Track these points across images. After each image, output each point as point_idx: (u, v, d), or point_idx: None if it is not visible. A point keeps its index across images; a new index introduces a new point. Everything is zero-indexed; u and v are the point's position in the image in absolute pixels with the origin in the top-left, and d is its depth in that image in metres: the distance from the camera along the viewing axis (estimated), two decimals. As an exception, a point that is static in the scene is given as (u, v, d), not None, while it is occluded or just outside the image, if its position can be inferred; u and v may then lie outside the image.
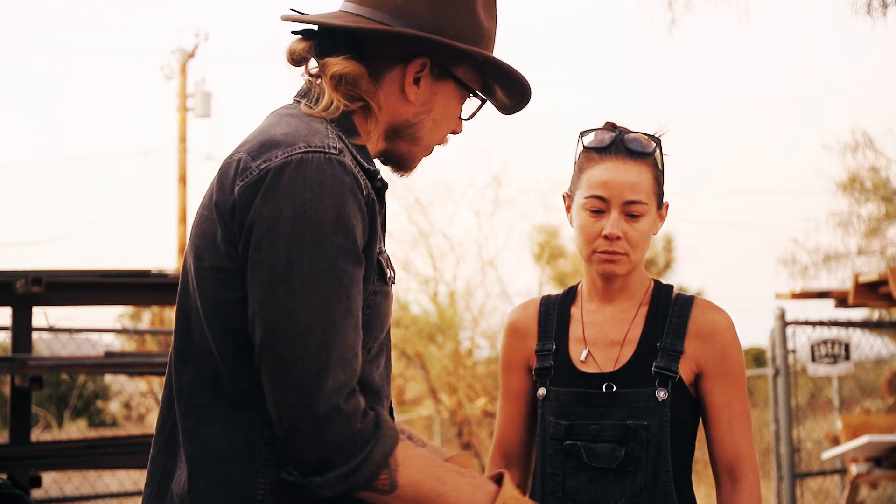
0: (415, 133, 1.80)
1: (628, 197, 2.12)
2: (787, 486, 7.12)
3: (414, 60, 1.75)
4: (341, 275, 1.56)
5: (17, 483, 4.45)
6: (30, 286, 4.43)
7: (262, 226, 1.56)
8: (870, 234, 14.38)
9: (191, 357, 1.67)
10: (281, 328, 1.54)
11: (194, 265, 1.66)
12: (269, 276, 1.55)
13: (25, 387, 4.65)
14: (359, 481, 1.55)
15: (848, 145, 14.09)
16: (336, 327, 1.55)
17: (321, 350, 1.53)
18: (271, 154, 1.60)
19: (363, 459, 1.55)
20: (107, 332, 8.64)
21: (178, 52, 20.46)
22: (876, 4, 6.01)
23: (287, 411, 1.54)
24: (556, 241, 16.19)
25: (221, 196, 1.63)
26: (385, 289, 1.70)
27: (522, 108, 1.90)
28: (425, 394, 14.79)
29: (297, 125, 1.66)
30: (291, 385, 1.53)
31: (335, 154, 1.60)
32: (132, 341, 14.98)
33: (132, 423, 16.46)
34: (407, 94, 1.76)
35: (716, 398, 2.14)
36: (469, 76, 1.81)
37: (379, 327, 1.70)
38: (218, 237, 1.62)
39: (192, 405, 1.66)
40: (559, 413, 2.16)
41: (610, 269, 2.14)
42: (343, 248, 1.56)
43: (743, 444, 2.14)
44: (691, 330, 2.15)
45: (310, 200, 1.55)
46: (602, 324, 2.20)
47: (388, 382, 1.78)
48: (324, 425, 1.53)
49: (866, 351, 8.02)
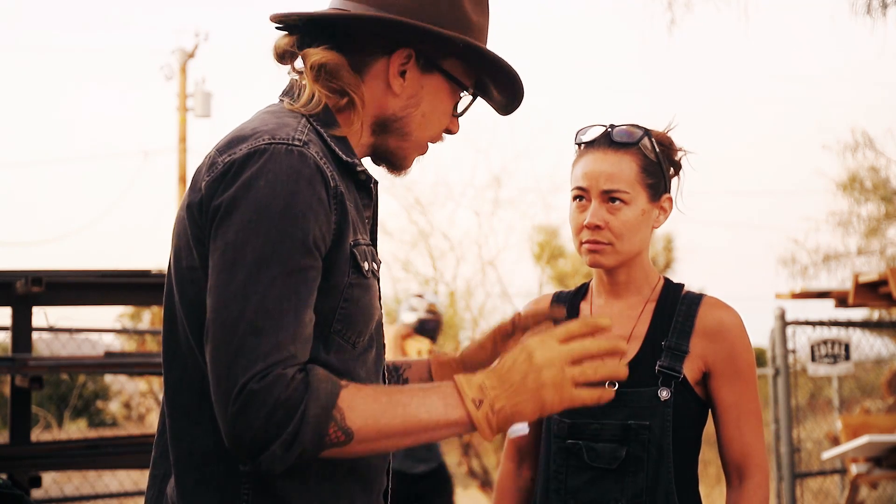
0: (403, 127, 1.78)
1: (604, 186, 2.13)
2: (787, 486, 7.12)
3: (398, 51, 1.73)
4: (283, 261, 1.54)
5: (17, 483, 4.45)
6: (30, 286, 4.42)
7: (220, 214, 1.57)
8: (870, 234, 14.39)
9: (176, 358, 1.68)
10: (218, 313, 1.54)
11: (174, 266, 1.68)
12: (216, 262, 1.56)
13: (25, 387, 4.65)
14: (304, 444, 1.50)
15: (848, 145, 14.11)
16: (270, 313, 1.52)
17: (250, 335, 1.51)
18: (236, 148, 1.61)
19: (299, 421, 1.49)
20: (107, 332, 8.62)
21: (178, 52, 20.47)
22: (876, 4, 6.01)
23: (216, 398, 1.53)
24: (556, 241, 16.20)
25: (192, 194, 1.64)
26: (363, 282, 1.67)
27: (517, 104, 1.87)
28: (425, 394, 14.76)
29: (268, 120, 1.67)
30: (220, 369, 1.52)
31: (297, 146, 1.60)
32: (132, 341, 14.97)
33: (132, 423, 16.45)
34: (392, 87, 1.74)
35: (725, 397, 2.14)
36: (458, 70, 1.78)
37: (362, 322, 1.68)
38: (189, 237, 1.63)
39: (179, 406, 1.67)
40: (562, 411, 2.15)
41: (596, 260, 2.15)
42: (290, 237, 1.55)
43: (752, 442, 2.14)
44: (698, 329, 2.15)
45: (262, 189, 1.56)
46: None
47: (378, 378, 1.76)
48: (247, 408, 1.49)
49: (866, 351, 8.02)
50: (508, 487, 2.33)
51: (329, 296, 1.63)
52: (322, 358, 1.64)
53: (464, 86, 1.80)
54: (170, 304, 1.70)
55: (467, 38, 1.74)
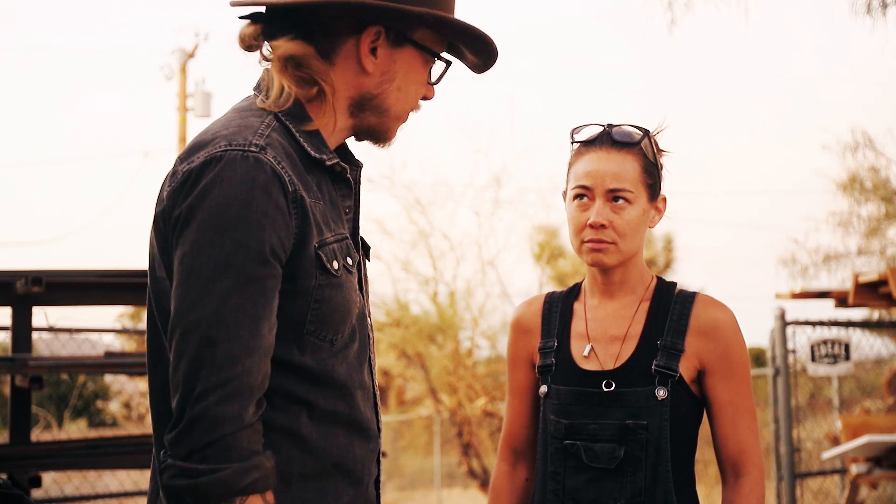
0: (380, 104, 1.77)
1: (610, 185, 2.13)
2: (787, 486, 7.12)
3: (367, 30, 1.72)
4: (238, 272, 1.54)
5: (17, 483, 4.45)
6: (30, 286, 4.42)
7: (179, 225, 1.58)
8: (870, 234, 14.39)
9: (157, 362, 1.69)
10: (178, 323, 1.55)
11: (150, 275, 1.69)
12: (176, 272, 1.57)
13: (25, 387, 4.65)
14: (196, 490, 1.50)
15: (848, 145, 14.11)
16: (224, 324, 1.52)
17: (204, 346, 1.52)
18: (195, 156, 1.61)
19: (211, 471, 1.50)
20: (107, 332, 8.63)
21: (178, 52, 20.46)
22: (876, 4, 6.01)
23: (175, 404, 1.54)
24: (556, 241, 16.19)
25: (158, 205, 1.65)
26: (333, 281, 1.66)
27: (492, 64, 1.86)
28: (425, 394, 14.78)
29: (232, 121, 1.66)
30: (179, 378, 1.53)
31: (254, 151, 1.59)
32: (132, 341, 14.97)
33: (132, 423, 16.46)
34: (365, 66, 1.73)
35: (719, 394, 2.14)
36: (429, 38, 1.77)
37: (338, 320, 1.67)
38: (156, 248, 1.65)
39: (161, 410, 1.68)
40: (560, 411, 2.16)
41: (598, 259, 2.15)
42: (244, 246, 1.54)
43: (746, 439, 2.14)
44: (692, 327, 2.15)
45: (216, 198, 1.55)
46: (603, 319, 2.20)
47: (363, 373, 1.75)
48: (195, 424, 1.51)
49: (866, 351, 8.02)
50: (504, 489, 2.32)
51: (297, 299, 1.62)
52: (296, 360, 1.64)
53: (436, 54, 1.78)
54: (150, 310, 1.71)
55: (433, 10, 1.72)
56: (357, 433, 1.73)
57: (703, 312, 2.16)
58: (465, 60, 1.86)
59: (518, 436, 2.32)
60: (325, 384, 1.66)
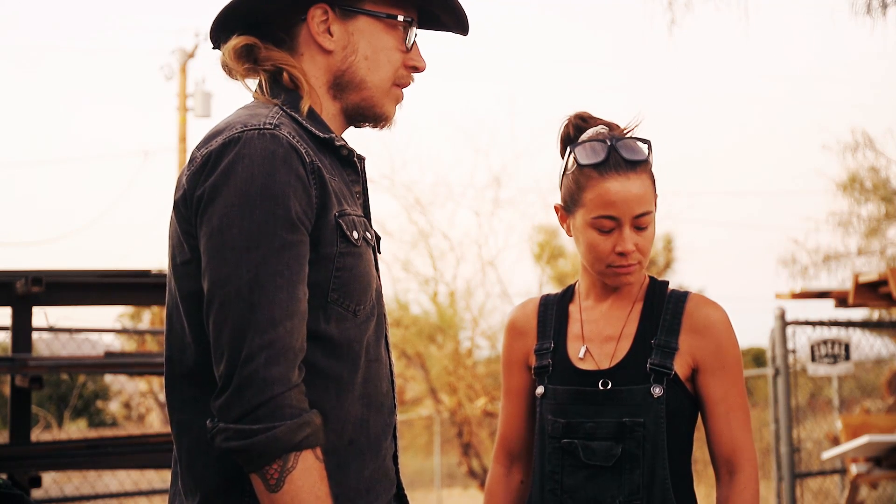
0: (352, 78, 1.79)
1: (637, 211, 2.10)
2: (787, 486, 7.11)
3: (310, 11, 1.76)
4: (271, 239, 1.59)
5: (17, 483, 4.45)
6: (30, 286, 4.42)
7: (203, 203, 1.62)
8: (870, 234, 14.39)
9: (177, 353, 1.73)
10: (215, 294, 1.59)
11: (171, 266, 1.73)
12: (206, 248, 1.61)
13: (25, 387, 4.65)
14: (252, 449, 1.55)
15: (848, 145, 14.11)
16: (264, 288, 1.57)
17: (247, 311, 1.56)
18: (212, 141, 1.66)
19: (266, 429, 1.55)
20: (107, 332, 8.65)
21: (178, 52, 20.45)
22: (876, 4, 6.01)
23: (222, 370, 1.58)
24: (556, 241, 16.20)
25: (177, 192, 1.69)
26: (354, 250, 1.70)
27: (464, 18, 1.86)
28: (425, 394, 14.79)
29: (241, 113, 1.72)
30: (223, 345, 1.58)
31: (269, 129, 1.64)
32: (132, 341, 14.98)
33: (132, 423, 16.48)
34: (324, 46, 1.77)
35: (713, 392, 2.15)
36: (382, 4, 1.79)
37: (360, 290, 1.71)
38: (180, 233, 1.68)
39: (183, 399, 1.72)
40: (557, 411, 2.17)
41: (626, 281, 2.15)
42: (272, 214, 1.59)
43: (740, 436, 2.15)
44: (686, 325, 2.15)
45: (241, 173, 1.60)
46: (598, 320, 2.21)
47: (380, 348, 1.79)
48: (245, 387, 1.55)
49: (866, 351, 8.02)
50: (499, 491, 2.32)
51: (321, 267, 1.66)
52: (322, 329, 1.67)
53: (393, 16, 1.80)
54: (169, 303, 1.75)
55: None
56: (374, 408, 1.76)
57: (696, 311, 2.16)
58: (443, 26, 1.89)
59: (513, 438, 2.32)
60: (347, 356, 1.70)
